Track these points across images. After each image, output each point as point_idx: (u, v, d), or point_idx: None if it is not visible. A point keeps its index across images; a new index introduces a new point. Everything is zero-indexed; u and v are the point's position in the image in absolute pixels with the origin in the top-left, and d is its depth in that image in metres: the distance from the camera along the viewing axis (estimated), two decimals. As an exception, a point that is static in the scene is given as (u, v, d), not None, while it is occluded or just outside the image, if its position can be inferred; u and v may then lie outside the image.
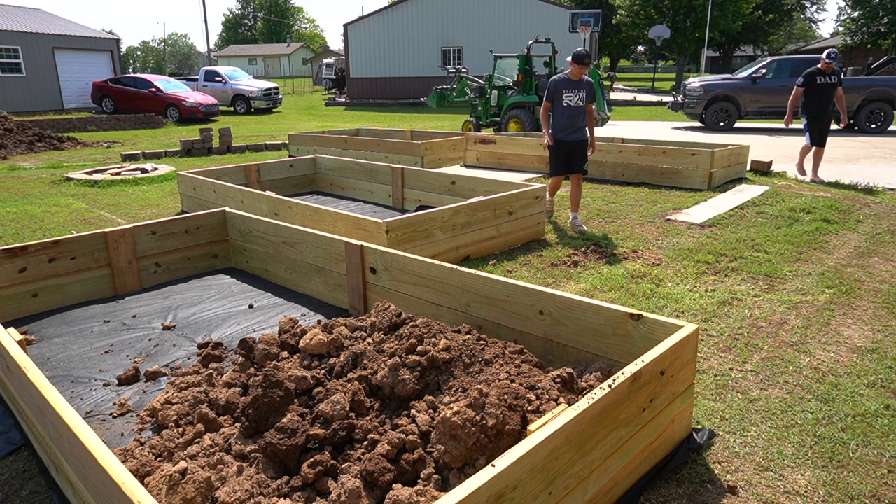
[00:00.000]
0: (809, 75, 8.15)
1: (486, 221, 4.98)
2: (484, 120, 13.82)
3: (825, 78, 8.12)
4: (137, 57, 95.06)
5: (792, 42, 60.19)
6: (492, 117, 13.73)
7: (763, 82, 14.31)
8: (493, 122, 13.73)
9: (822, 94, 8.19)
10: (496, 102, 13.65)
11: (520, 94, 13.05)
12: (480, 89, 14.28)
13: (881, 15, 36.16)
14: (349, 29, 30.82)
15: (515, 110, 12.99)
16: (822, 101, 8.17)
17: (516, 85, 13.31)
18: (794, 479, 2.29)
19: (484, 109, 13.75)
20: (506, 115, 13.16)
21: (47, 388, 2.06)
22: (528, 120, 12.75)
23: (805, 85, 8.20)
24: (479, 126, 13.91)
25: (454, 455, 1.98)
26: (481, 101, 13.91)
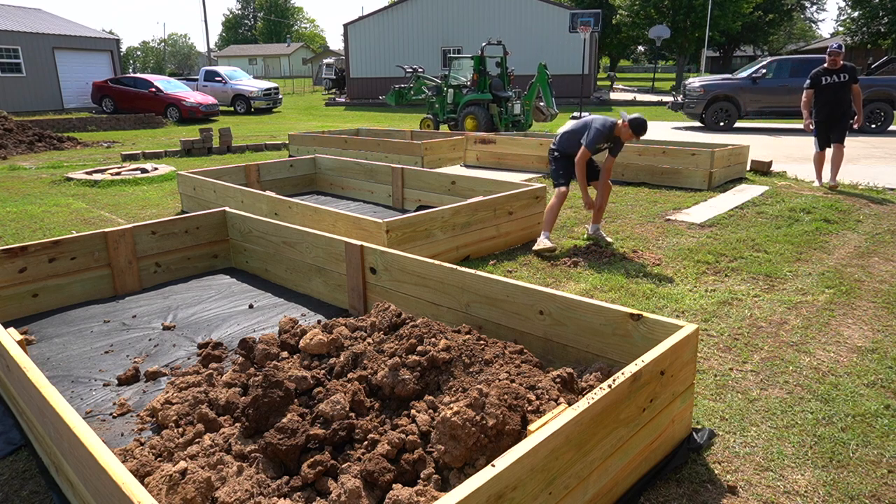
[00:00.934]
0: (815, 76, 7.67)
1: (486, 221, 4.98)
2: (441, 117, 14.51)
3: (832, 77, 7.54)
4: (137, 57, 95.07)
5: (792, 42, 60.20)
6: (448, 114, 14.39)
7: (763, 82, 14.31)
8: (449, 118, 14.39)
9: (830, 94, 7.59)
10: (452, 100, 14.33)
11: (475, 93, 13.79)
12: (437, 88, 14.89)
13: (881, 15, 36.17)
14: (349, 29, 30.82)
15: (471, 107, 13.71)
16: (831, 102, 7.59)
17: (471, 84, 13.98)
18: (794, 479, 2.29)
19: (441, 107, 14.46)
20: (462, 112, 13.86)
21: (47, 388, 2.06)
22: (483, 117, 13.46)
23: (812, 86, 7.70)
24: (438, 123, 14.63)
25: (454, 455, 1.98)
26: (438, 99, 14.61)
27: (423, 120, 14.85)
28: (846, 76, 7.51)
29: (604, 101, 27.01)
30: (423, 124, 14.76)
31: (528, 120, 14.21)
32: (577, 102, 21.28)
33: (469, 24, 28.80)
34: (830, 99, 7.60)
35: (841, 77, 7.53)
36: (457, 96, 14.21)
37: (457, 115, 14.10)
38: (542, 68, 13.77)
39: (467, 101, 13.83)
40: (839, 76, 7.54)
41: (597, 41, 31.73)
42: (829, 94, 7.61)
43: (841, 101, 7.60)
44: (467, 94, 13.91)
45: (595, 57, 30.92)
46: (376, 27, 30.36)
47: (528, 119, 14.21)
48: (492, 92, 13.68)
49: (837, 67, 7.55)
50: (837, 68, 7.55)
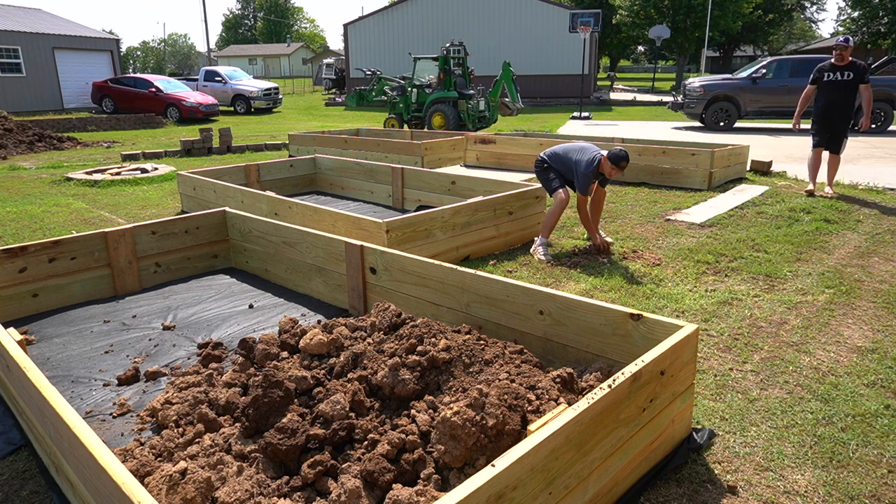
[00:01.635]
0: (818, 70, 7.02)
1: (486, 221, 4.98)
2: (406, 116, 14.97)
3: (837, 73, 6.82)
4: (137, 57, 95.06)
5: (792, 42, 60.20)
6: (413, 113, 14.87)
7: (763, 82, 14.31)
8: (414, 117, 14.87)
9: (832, 92, 6.89)
10: (416, 100, 14.82)
11: (440, 91, 14.36)
12: (402, 88, 15.29)
13: (881, 15, 36.19)
14: (349, 29, 30.83)
15: (438, 105, 14.31)
16: (832, 100, 6.90)
17: (437, 83, 14.59)
18: (794, 479, 2.29)
19: (405, 106, 14.93)
20: (428, 110, 14.45)
21: (47, 388, 2.06)
22: (451, 114, 14.11)
23: (814, 82, 7.05)
24: (403, 122, 15.07)
25: (454, 455, 1.98)
26: (402, 99, 15.03)
27: (388, 120, 15.15)
28: (851, 75, 6.78)
29: (604, 101, 27.02)
30: (387, 124, 15.11)
31: (493, 115, 14.75)
32: (577, 102, 21.28)
33: (469, 24, 28.81)
34: (830, 99, 6.95)
35: (845, 75, 6.80)
36: (420, 96, 14.72)
37: (423, 114, 14.60)
38: (507, 66, 14.57)
39: (434, 100, 14.34)
40: (843, 74, 6.82)
41: (597, 41, 31.74)
42: (829, 93, 6.95)
43: (841, 103, 6.88)
44: (433, 93, 14.41)
45: (595, 57, 30.93)
46: (376, 27, 30.37)
47: (494, 114, 14.77)
48: (457, 90, 14.31)
49: (844, 64, 6.83)
50: (843, 65, 6.83)
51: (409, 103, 14.94)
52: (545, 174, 5.19)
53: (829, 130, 7.04)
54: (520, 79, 28.47)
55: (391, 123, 15.01)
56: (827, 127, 7.05)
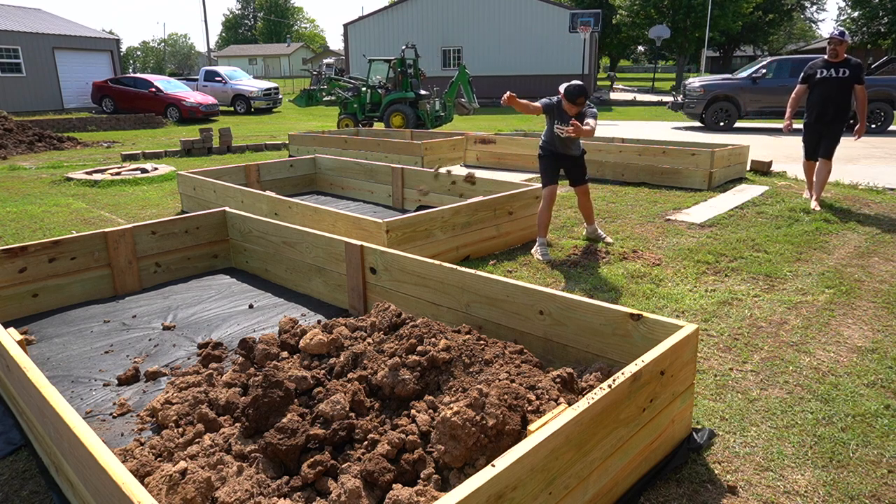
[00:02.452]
0: (809, 68, 6.46)
1: (486, 221, 4.98)
2: (360, 116, 15.29)
3: (831, 70, 6.24)
4: (137, 57, 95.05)
5: (792, 42, 60.19)
6: (368, 113, 15.27)
7: (763, 82, 14.32)
8: (369, 117, 15.27)
9: (824, 91, 6.30)
10: (370, 100, 15.23)
11: (398, 92, 14.82)
12: (356, 88, 15.68)
13: (881, 15, 36.19)
14: (349, 29, 30.82)
15: (396, 105, 14.70)
16: (823, 101, 6.32)
17: (393, 84, 15.09)
18: (794, 479, 2.29)
19: (360, 106, 15.27)
20: (387, 110, 14.80)
21: (47, 388, 2.06)
22: (410, 114, 14.56)
23: (804, 80, 6.49)
24: (358, 122, 15.33)
25: (454, 455, 1.98)
26: (356, 100, 15.36)
27: (342, 120, 15.37)
28: (847, 72, 6.19)
29: (604, 101, 27.01)
30: (341, 124, 15.34)
31: (449, 115, 15.25)
32: (577, 102, 21.22)
33: (469, 24, 28.82)
34: (824, 97, 6.31)
35: (840, 72, 6.22)
36: (374, 96, 15.16)
37: (380, 114, 14.94)
38: (463, 68, 15.25)
39: (392, 100, 14.77)
40: (838, 71, 6.23)
41: (597, 41, 31.74)
42: (823, 91, 6.31)
43: (836, 102, 6.29)
44: (390, 94, 14.84)
45: (595, 57, 30.93)
46: (376, 27, 30.36)
47: (450, 114, 15.27)
48: (413, 90, 14.91)
49: (838, 60, 6.24)
50: (838, 61, 6.25)
51: (363, 103, 15.30)
52: (540, 164, 5.19)
53: (823, 135, 6.44)
54: (520, 78, 28.60)
55: (345, 123, 15.28)
56: (820, 132, 6.47)
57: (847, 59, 6.24)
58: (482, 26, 28.63)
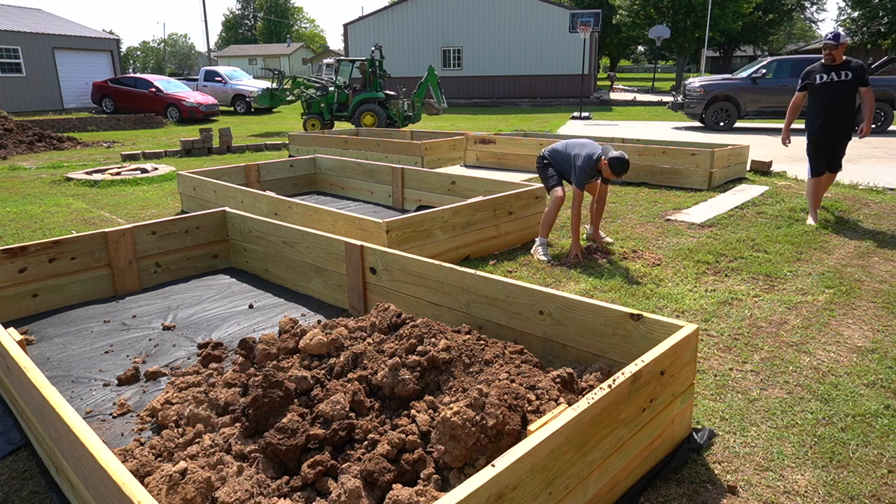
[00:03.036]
0: (808, 74, 5.88)
1: (486, 221, 4.98)
2: (327, 116, 15.41)
3: (833, 74, 5.69)
4: (137, 57, 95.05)
5: (792, 42, 60.19)
6: (335, 113, 15.47)
7: (763, 82, 14.32)
8: (337, 117, 15.44)
9: (828, 97, 5.70)
10: (337, 100, 15.28)
11: (368, 92, 15.07)
12: (324, 88, 15.78)
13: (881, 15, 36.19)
14: (349, 29, 30.82)
15: (367, 105, 14.94)
16: (830, 108, 5.72)
17: (361, 84, 15.35)
18: (794, 479, 2.29)
19: (327, 106, 15.39)
20: (357, 109, 15.03)
21: (47, 388, 2.06)
22: (381, 113, 14.81)
23: (804, 87, 5.91)
24: (324, 122, 15.48)
25: (454, 455, 1.98)
26: (324, 99, 15.45)
27: (307, 120, 15.38)
28: (850, 75, 5.65)
29: (604, 101, 27.02)
30: (307, 125, 15.39)
31: (417, 115, 15.50)
32: (577, 102, 21.27)
33: (469, 24, 28.83)
34: (827, 104, 5.74)
35: (842, 75, 5.68)
36: (341, 96, 15.35)
37: (350, 114, 15.15)
38: (431, 70, 15.47)
39: (362, 100, 14.99)
40: (840, 74, 5.69)
41: (597, 41, 31.74)
42: (824, 97, 5.76)
43: (841, 110, 5.72)
44: (360, 94, 15.06)
45: (595, 57, 30.93)
46: (376, 27, 30.37)
47: (418, 114, 15.52)
48: (382, 91, 15.24)
49: (837, 63, 5.72)
50: (837, 64, 5.72)
51: (330, 103, 15.41)
52: (544, 171, 5.15)
53: (831, 147, 5.85)
54: (521, 78, 28.59)
55: (311, 123, 15.34)
56: (828, 144, 5.85)
57: (847, 62, 5.71)
58: (482, 26, 28.63)
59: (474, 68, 29.40)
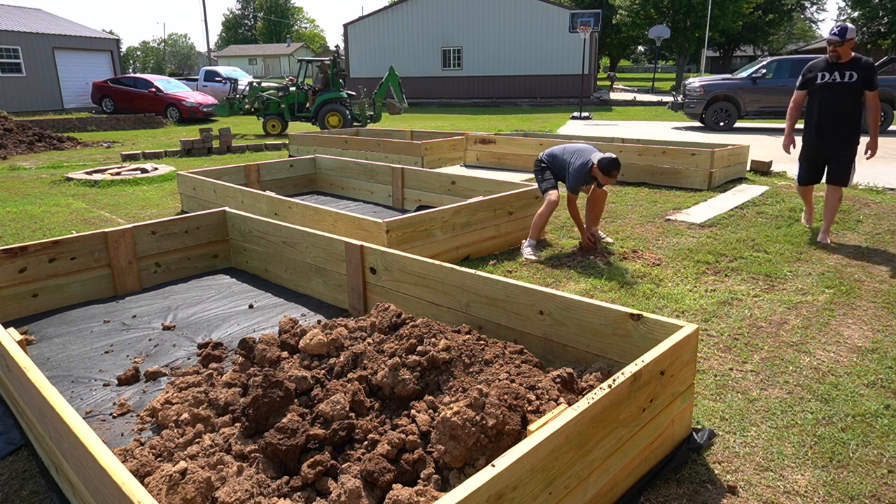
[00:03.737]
0: (809, 70, 5.28)
1: (486, 221, 4.98)
2: (287, 117, 15.36)
3: (836, 74, 5.07)
4: (137, 57, 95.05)
5: (792, 42, 60.20)
6: (298, 114, 15.40)
7: (763, 82, 14.32)
8: (299, 117, 15.41)
9: (828, 100, 5.11)
10: (297, 100, 15.34)
11: (331, 92, 15.13)
12: (286, 89, 15.66)
13: (881, 15, 36.20)
14: (349, 29, 30.83)
15: (331, 105, 15.02)
16: (828, 111, 5.12)
17: (324, 84, 15.31)
18: (794, 479, 2.29)
19: (288, 107, 15.28)
20: (322, 109, 15.05)
21: (47, 388, 2.06)
22: (346, 113, 15.00)
23: (804, 86, 5.31)
24: (285, 123, 15.41)
25: (454, 455, 1.98)
26: (285, 100, 15.32)
27: (268, 121, 15.20)
28: (854, 75, 4.99)
29: (604, 101, 27.02)
30: (268, 126, 15.25)
31: (378, 114, 15.75)
32: (577, 102, 21.27)
33: (469, 24, 28.83)
34: (826, 108, 5.14)
35: (846, 76, 5.02)
36: (300, 97, 15.31)
37: (313, 114, 15.13)
38: (392, 70, 15.76)
39: (325, 100, 15.01)
40: (844, 74, 5.03)
41: (597, 41, 31.74)
42: (824, 100, 5.15)
43: (842, 115, 5.08)
44: (323, 94, 15.07)
45: (595, 57, 30.93)
46: (376, 27, 30.38)
47: (379, 113, 15.78)
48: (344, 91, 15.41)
49: (843, 62, 5.06)
50: (843, 63, 5.06)
51: (291, 103, 15.32)
52: (541, 174, 5.22)
53: (826, 155, 5.27)
54: (521, 78, 28.58)
55: (272, 124, 15.16)
56: (823, 151, 5.27)
57: (856, 60, 5.03)
58: (482, 26, 28.63)
59: (474, 68, 29.40)
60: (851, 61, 5.06)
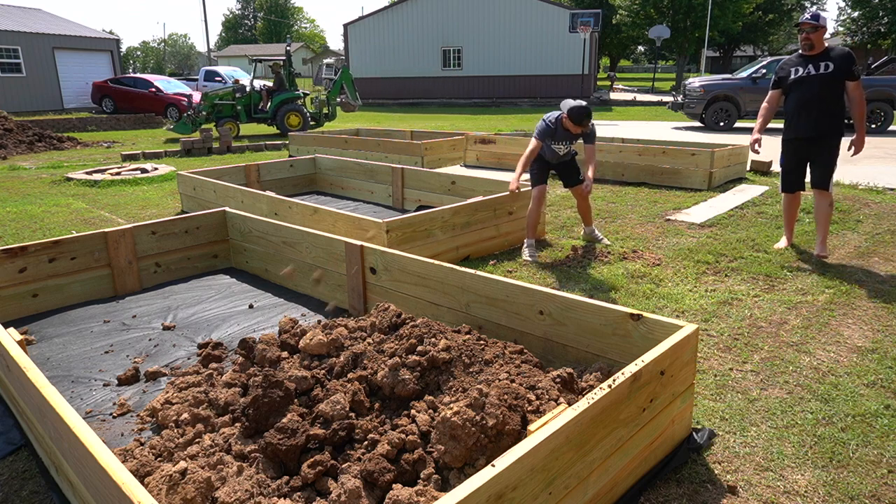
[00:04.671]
0: (781, 69, 4.83)
1: (486, 221, 4.98)
2: (243, 119, 14.78)
3: (809, 67, 4.62)
4: (137, 57, 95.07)
5: (792, 42, 60.18)
6: (254, 115, 14.93)
7: (763, 82, 14.30)
8: (256, 118, 15.01)
9: (803, 96, 4.66)
10: (251, 102, 14.88)
11: (288, 92, 14.90)
12: (242, 89, 15.18)
13: (881, 15, 36.22)
14: (349, 29, 30.83)
15: (289, 105, 14.77)
16: (802, 109, 4.68)
17: (278, 84, 15.07)
18: (794, 479, 2.29)
19: (244, 108, 14.80)
20: (280, 110, 14.74)
21: (47, 388, 2.06)
22: (304, 112, 14.93)
23: (777, 84, 4.85)
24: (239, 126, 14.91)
25: (454, 455, 1.98)
26: (241, 101, 14.81)
27: (224, 123, 14.40)
28: (830, 66, 4.56)
29: (604, 101, 27.01)
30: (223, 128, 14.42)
31: (333, 112, 15.91)
32: (577, 102, 21.22)
33: (469, 24, 28.83)
34: (803, 104, 4.67)
35: (821, 67, 4.58)
36: (254, 98, 14.88)
37: (271, 115, 14.78)
38: (345, 69, 15.91)
39: (283, 100, 14.76)
40: (818, 66, 4.60)
41: (597, 41, 31.74)
42: (800, 97, 4.68)
43: (820, 108, 4.62)
44: (280, 94, 14.79)
45: (595, 57, 30.94)
46: (376, 27, 30.37)
47: (333, 112, 15.91)
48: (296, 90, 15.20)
49: (815, 52, 4.63)
50: (815, 53, 4.64)
51: (247, 104, 14.80)
52: (532, 166, 5.16)
53: (804, 155, 4.84)
54: (521, 78, 28.59)
55: (228, 126, 14.11)
56: (804, 153, 4.84)
57: (828, 50, 4.64)
58: (482, 26, 28.62)
59: (474, 68, 29.39)
60: (825, 52, 4.64)
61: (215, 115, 14.51)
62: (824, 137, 4.70)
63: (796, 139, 4.81)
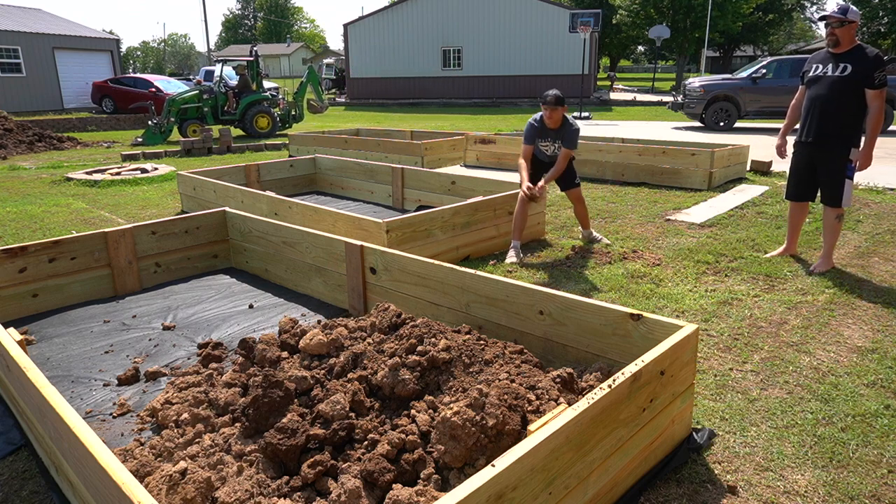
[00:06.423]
0: (808, 63, 4.54)
1: (486, 221, 4.98)
2: (210, 121, 14.46)
3: (827, 67, 4.31)
4: (137, 57, 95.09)
5: (792, 42, 60.20)
6: (222, 117, 14.66)
7: (763, 82, 14.31)
8: (224, 120, 14.74)
9: (812, 99, 4.40)
10: (218, 103, 14.62)
11: (256, 94, 14.79)
12: (210, 90, 14.82)
13: (881, 15, 36.20)
14: (349, 29, 30.83)
15: (257, 107, 14.65)
16: (814, 111, 4.37)
17: (244, 86, 14.80)
18: (794, 479, 2.29)
19: (211, 110, 14.52)
20: (249, 111, 14.60)
21: (47, 388, 2.06)
22: (272, 114, 14.90)
23: (803, 80, 4.56)
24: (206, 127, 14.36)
25: (454, 455, 1.98)
26: (207, 103, 14.47)
27: (189, 126, 14.04)
28: (848, 68, 4.18)
29: (604, 101, 27.02)
30: (188, 131, 14.12)
31: (300, 113, 15.87)
32: (577, 102, 21.27)
33: (469, 24, 28.84)
34: (812, 106, 4.40)
35: (840, 69, 4.23)
36: (221, 99, 14.62)
37: (238, 116, 14.60)
38: (311, 70, 15.85)
39: (251, 102, 14.61)
40: (837, 66, 4.26)
41: (597, 41, 31.73)
42: (812, 95, 4.41)
43: (826, 112, 4.31)
44: (248, 96, 14.62)
45: (595, 57, 30.92)
46: (376, 27, 30.38)
47: (301, 113, 15.89)
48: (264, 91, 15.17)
49: (841, 51, 4.27)
50: (839, 52, 4.28)
51: (214, 106, 14.47)
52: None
53: (807, 163, 4.56)
54: (521, 78, 28.60)
55: (193, 129, 13.77)
56: (803, 158, 4.58)
57: (856, 50, 4.21)
58: (482, 26, 28.62)
59: (474, 68, 29.40)
60: (851, 51, 4.23)
61: (179, 119, 13.96)
62: (827, 145, 4.38)
63: (799, 142, 4.57)
